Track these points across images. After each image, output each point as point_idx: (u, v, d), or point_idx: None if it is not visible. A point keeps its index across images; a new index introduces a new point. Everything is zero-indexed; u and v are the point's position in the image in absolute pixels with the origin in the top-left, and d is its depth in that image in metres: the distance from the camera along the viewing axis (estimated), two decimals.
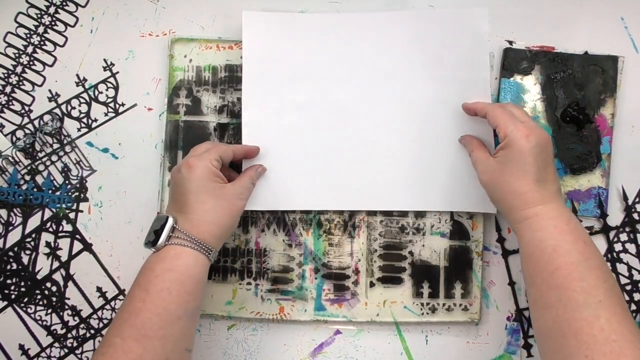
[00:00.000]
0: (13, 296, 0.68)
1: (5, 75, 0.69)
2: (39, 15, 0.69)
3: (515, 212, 0.56)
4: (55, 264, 0.68)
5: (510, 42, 0.69)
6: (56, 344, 0.68)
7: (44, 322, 0.68)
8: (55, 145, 0.69)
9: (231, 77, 0.68)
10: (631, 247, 0.68)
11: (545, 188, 0.55)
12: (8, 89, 0.69)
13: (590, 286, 0.49)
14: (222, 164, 0.59)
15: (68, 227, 0.68)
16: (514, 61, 0.68)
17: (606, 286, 0.50)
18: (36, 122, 0.69)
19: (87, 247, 0.68)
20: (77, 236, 0.68)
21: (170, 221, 0.55)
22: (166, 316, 0.51)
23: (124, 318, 0.52)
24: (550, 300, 0.51)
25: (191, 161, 0.57)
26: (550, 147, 0.56)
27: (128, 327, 0.51)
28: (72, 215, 0.69)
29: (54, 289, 0.68)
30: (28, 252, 0.68)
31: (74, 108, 0.69)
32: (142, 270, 0.55)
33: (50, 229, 0.68)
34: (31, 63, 0.69)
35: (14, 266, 0.68)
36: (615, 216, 0.68)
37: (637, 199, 0.68)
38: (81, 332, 0.68)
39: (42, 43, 0.69)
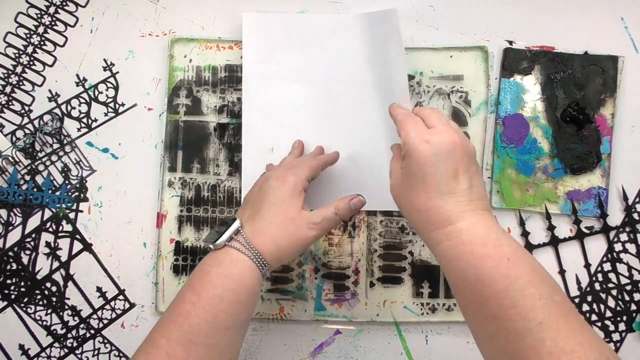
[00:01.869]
0: (13, 296, 0.68)
1: (5, 75, 0.69)
2: (39, 15, 0.69)
3: (423, 234, 0.50)
4: (55, 264, 0.68)
5: (510, 42, 0.69)
6: (56, 344, 0.68)
7: (44, 322, 0.68)
8: (55, 145, 0.69)
9: (231, 77, 0.68)
10: (631, 247, 0.68)
11: (455, 202, 0.48)
12: (8, 89, 0.69)
13: (526, 310, 0.43)
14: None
15: (68, 227, 0.68)
16: (514, 61, 0.68)
17: (542, 302, 0.44)
18: (36, 122, 0.69)
19: (87, 247, 0.68)
20: (77, 236, 0.68)
21: (237, 223, 0.53)
22: (215, 324, 0.49)
23: (172, 319, 0.49)
24: (489, 331, 0.45)
25: (286, 175, 0.56)
26: (461, 151, 0.49)
27: (176, 330, 0.48)
28: (72, 215, 0.69)
29: (54, 289, 0.68)
30: (28, 252, 0.68)
31: (74, 108, 0.69)
32: (196, 271, 0.52)
33: (50, 229, 0.68)
34: (31, 63, 0.69)
35: (14, 266, 0.68)
36: (615, 216, 0.68)
37: (637, 199, 0.68)
38: (81, 332, 0.68)
39: (42, 43, 0.69)
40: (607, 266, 0.68)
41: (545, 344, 0.42)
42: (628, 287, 0.68)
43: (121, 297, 0.68)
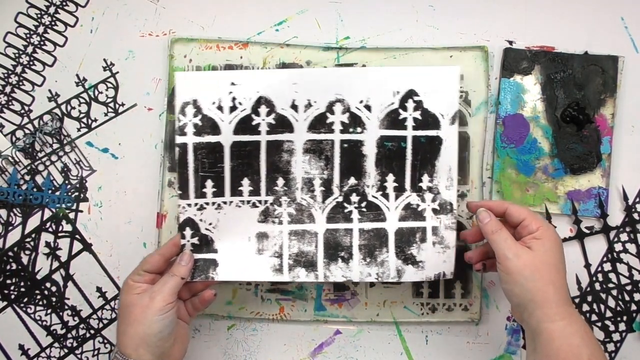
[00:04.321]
0: (13, 296, 0.68)
1: (5, 75, 0.69)
2: (39, 15, 0.69)
3: (549, 308, 0.53)
4: (55, 264, 0.68)
5: (510, 42, 0.69)
6: (56, 344, 0.68)
7: (44, 322, 0.68)
8: (55, 145, 0.69)
9: None
10: (631, 247, 0.68)
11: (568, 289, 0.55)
12: (8, 89, 0.69)
13: None
14: (153, 271, 0.59)
15: (68, 227, 0.68)
16: (514, 61, 0.68)
17: None
18: (36, 122, 0.69)
19: (87, 247, 0.68)
20: (77, 236, 0.68)
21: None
22: None
23: None
24: None
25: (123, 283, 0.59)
26: None
27: None
28: (71, 215, 0.68)
29: (53, 289, 0.68)
30: (28, 252, 0.68)
31: (74, 108, 0.69)
32: None
33: (50, 229, 0.68)
34: (31, 63, 0.69)
35: (14, 266, 0.68)
36: (616, 216, 0.68)
37: (637, 199, 0.68)
38: (81, 332, 0.68)
39: (42, 43, 0.69)
40: (607, 266, 0.68)
41: None
42: (628, 287, 0.68)
43: None
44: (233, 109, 0.60)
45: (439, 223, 0.61)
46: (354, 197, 0.61)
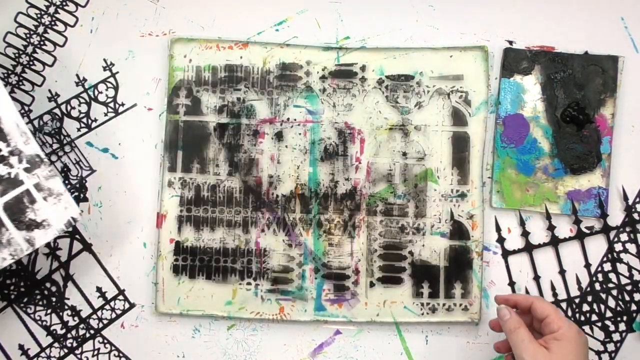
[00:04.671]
0: (13, 296, 0.68)
1: (5, 75, 0.69)
2: (39, 15, 0.69)
3: None
4: (55, 264, 0.68)
5: (510, 42, 0.69)
6: (56, 344, 0.68)
7: (44, 322, 0.68)
8: (55, 145, 0.69)
9: (231, 77, 0.68)
10: (631, 247, 0.68)
11: None
12: (8, 89, 0.69)
13: None
14: None
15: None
16: (514, 61, 0.68)
17: None
18: (36, 122, 0.69)
19: (87, 247, 0.68)
20: (77, 236, 0.68)
21: None
22: None
23: None
24: None
25: None
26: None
27: None
28: None
29: (53, 289, 0.68)
30: None
31: (74, 108, 0.69)
32: None
33: None
34: (31, 63, 0.69)
35: (14, 266, 0.68)
36: (616, 216, 0.68)
37: (637, 199, 0.68)
38: (81, 332, 0.68)
39: (42, 43, 0.69)
40: (607, 266, 0.68)
41: None
42: (628, 287, 0.68)
43: (121, 297, 0.68)
44: None
45: (38, 178, 0.59)
46: None
